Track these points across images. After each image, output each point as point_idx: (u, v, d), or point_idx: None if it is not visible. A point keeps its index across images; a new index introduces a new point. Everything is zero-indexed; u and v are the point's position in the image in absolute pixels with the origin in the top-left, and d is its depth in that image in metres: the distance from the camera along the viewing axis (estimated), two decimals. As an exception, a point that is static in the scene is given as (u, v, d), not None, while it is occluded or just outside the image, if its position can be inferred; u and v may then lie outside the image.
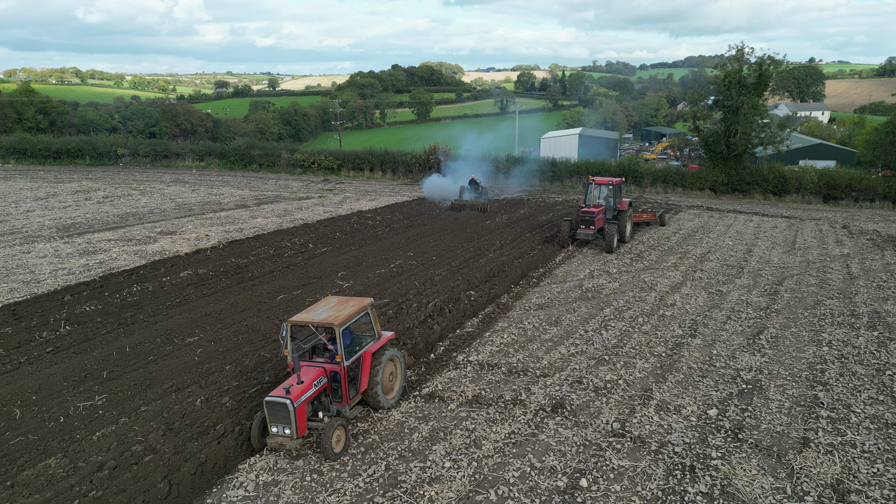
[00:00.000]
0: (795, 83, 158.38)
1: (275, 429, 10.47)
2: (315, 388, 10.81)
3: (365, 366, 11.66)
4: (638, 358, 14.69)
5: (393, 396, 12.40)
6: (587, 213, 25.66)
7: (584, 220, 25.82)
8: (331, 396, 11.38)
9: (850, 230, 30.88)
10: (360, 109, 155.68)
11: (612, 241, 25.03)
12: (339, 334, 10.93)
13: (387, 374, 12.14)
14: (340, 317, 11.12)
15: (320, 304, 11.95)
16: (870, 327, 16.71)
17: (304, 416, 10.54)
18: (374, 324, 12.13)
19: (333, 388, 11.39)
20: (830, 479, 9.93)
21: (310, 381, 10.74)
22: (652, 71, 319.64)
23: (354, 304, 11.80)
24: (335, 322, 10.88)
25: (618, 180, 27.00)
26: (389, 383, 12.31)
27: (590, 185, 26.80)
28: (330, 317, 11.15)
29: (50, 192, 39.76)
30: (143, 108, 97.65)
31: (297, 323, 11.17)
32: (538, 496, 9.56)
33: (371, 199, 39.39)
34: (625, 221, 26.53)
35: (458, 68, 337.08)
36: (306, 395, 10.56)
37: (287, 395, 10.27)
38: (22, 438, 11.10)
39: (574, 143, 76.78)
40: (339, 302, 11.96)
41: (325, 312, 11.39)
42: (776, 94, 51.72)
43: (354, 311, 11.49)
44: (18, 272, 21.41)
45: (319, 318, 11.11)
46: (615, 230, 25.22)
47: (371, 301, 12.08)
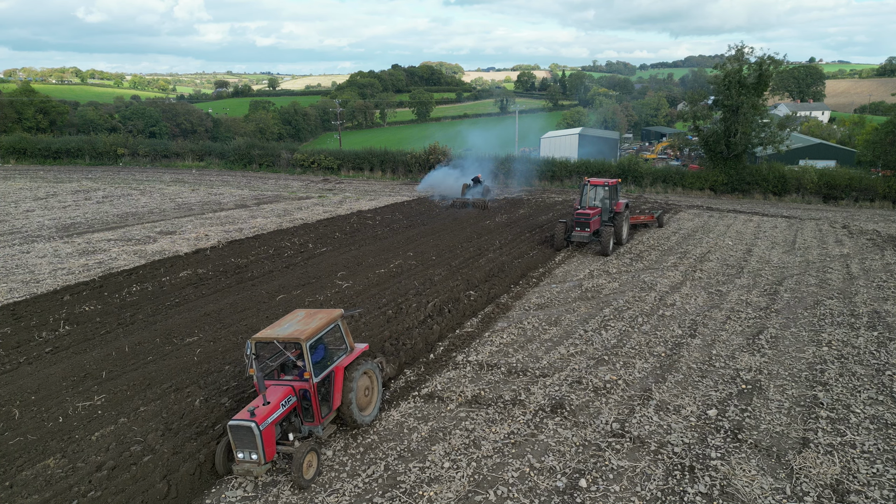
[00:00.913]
0: (795, 83, 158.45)
1: (241, 454, 9.70)
2: (283, 409, 10.16)
3: (337, 381, 10.98)
4: (637, 358, 14.69)
5: (370, 413, 11.72)
6: (582, 215, 25.03)
7: (579, 223, 25.13)
8: (301, 416, 10.72)
9: (850, 230, 30.87)
10: (360, 109, 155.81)
11: (607, 244, 24.53)
12: (307, 349, 10.28)
13: (362, 390, 11.46)
14: (307, 331, 10.47)
15: (287, 317, 11.30)
16: (869, 327, 16.70)
17: (271, 439, 9.83)
18: (346, 336, 11.50)
19: (304, 408, 10.71)
20: (830, 479, 9.92)
21: (277, 402, 10.07)
22: (652, 71, 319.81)
23: (323, 316, 11.20)
24: (301, 337, 10.22)
25: (614, 181, 26.53)
26: (365, 398, 11.63)
27: (585, 186, 26.32)
28: (296, 331, 10.50)
29: (50, 192, 39.75)
30: (143, 108, 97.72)
31: (261, 339, 10.47)
32: (537, 496, 9.55)
33: (371, 199, 39.39)
34: (621, 223, 26.01)
35: (459, 68, 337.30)
36: (273, 416, 9.87)
37: (252, 418, 9.56)
38: (21, 438, 11.09)
39: (574, 143, 76.80)
40: (307, 315, 11.34)
41: (292, 327, 10.74)
42: (776, 93, 51.75)
43: (323, 324, 10.85)
44: (18, 272, 21.40)
45: (285, 334, 10.44)
46: (611, 232, 24.72)
47: (341, 312, 11.46)
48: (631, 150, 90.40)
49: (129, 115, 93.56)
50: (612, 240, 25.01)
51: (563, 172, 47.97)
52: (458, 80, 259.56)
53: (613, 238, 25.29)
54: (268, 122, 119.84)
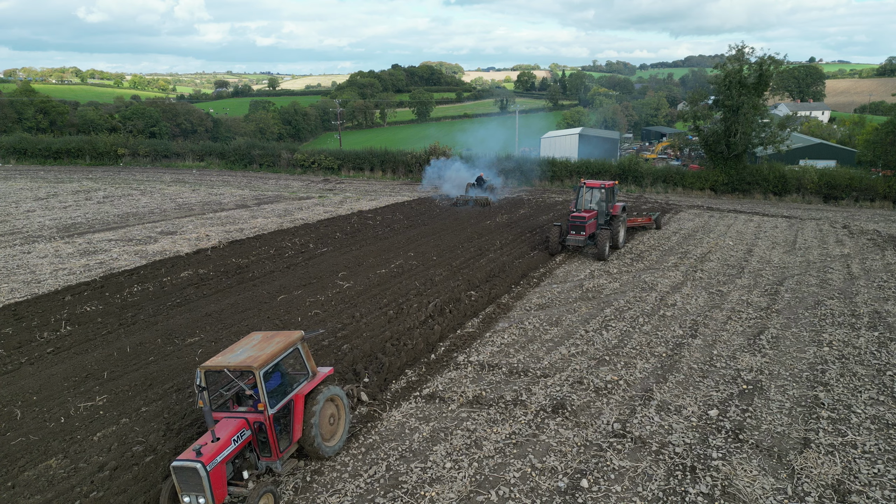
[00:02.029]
0: (795, 83, 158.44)
1: (187, 498, 8.74)
2: (235, 445, 9.26)
3: (297, 411, 10.10)
4: (638, 358, 14.69)
5: (336, 443, 10.78)
6: (578, 219, 24.29)
7: (574, 226, 24.37)
8: (258, 451, 9.80)
9: (850, 230, 30.88)
10: (360, 109, 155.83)
11: (603, 248, 23.84)
12: (260, 378, 9.38)
13: (326, 418, 10.55)
14: (261, 357, 9.63)
15: (242, 342, 10.47)
16: (870, 327, 16.71)
17: (221, 480, 8.91)
18: (307, 360, 10.61)
19: (262, 441, 9.78)
20: (831, 479, 9.93)
21: (228, 437, 9.15)
22: (652, 71, 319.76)
23: (281, 339, 10.34)
24: (254, 364, 9.37)
25: (610, 183, 25.84)
26: (330, 427, 10.71)
27: (581, 188, 25.69)
28: (249, 358, 9.65)
29: (50, 192, 39.76)
30: (143, 108, 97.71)
31: (211, 368, 9.56)
32: (539, 497, 9.56)
33: (371, 199, 39.39)
34: (618, 227, 25.33)
35: (459, 68, 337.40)
36: (223, 454, 8.97)
37: (198, 458, 8.62)
38: (23, 439, 11.10)
39: (574, 143, 76.83)
40: (264, 339, 10.51)
41: (245, 353, 9.91)
42: (776, 93, 51.68)
43: (279, 349, 9.97)
44: (19, 272, 21.41)
45: (236, 361, 9.59)
46: (607, 236, 24.03)
47: (301, 335, 10.60)
48: (631, 150, 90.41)
49: (130, 115, 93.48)
50: (609, 244, 24.40)
51: (563, 172, 47.98)
52: (459, 80, 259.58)
53: (610, 242, 24.67)
54: (268, 122, 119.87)
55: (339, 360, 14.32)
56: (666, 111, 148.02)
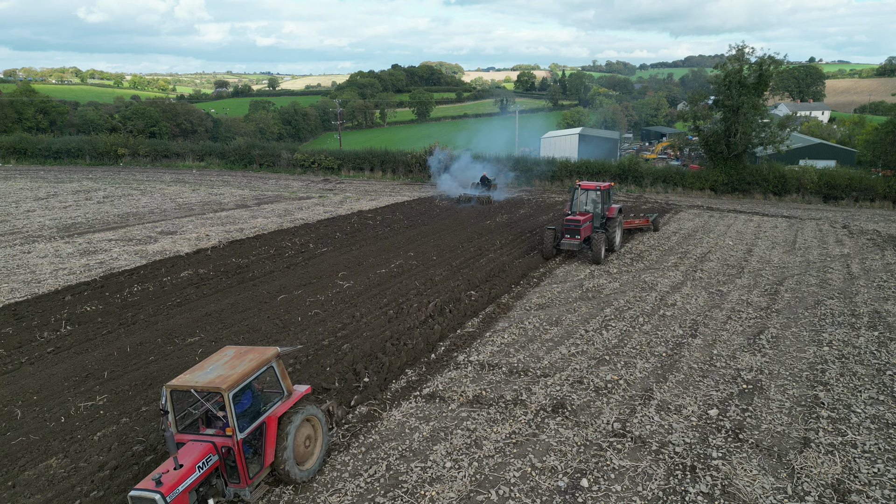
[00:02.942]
0: (795, 83, 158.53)
1: None
2: (200, 472, 8.60)
3: (270, 434, 9.42)
4: (638, 358, 14.70)
5: (311, 466, 10.08)
6: (572, 222, 23.57)
7: (568, 230, 23.62)
8: (225, 477, 9.11)
9: (850, 230, 30.89)
10: (360, 109, 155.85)
11: (599, 252, 23.13)
12: (229, 400, 8.70)
13: (301, 440, 9.85)
14: (231, 377, 8.92)
15: (213, 358, 9.73)
16: (870, 327, 16.71)
17: None
18: (282, 379, 9.93)
19: (230, 466, 9.09)
20: (831, 479, 9.94)
21: (192, 464, 8.48)
22: (652, 71, 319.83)
23: (254, 356, 9.65)
24: (223, 385, 8.68)
25: (606, 185, 25.11)
26: (305, 450, 10.01)
27: (576, 190, 24.91)
28: (218, 378, 8.93)
29: (50, 192, 39.77)
30: (143, 108, 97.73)
31: (177, 388, 8.90)
32: (539, 496, 9.57)
33: (371, 199, 39.40)
34: (614, 229, 24.68)
35: (459, 68, 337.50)
36: (185, 483, 8.32)
37: (157, 488, 8.03)
38: (23, 438, 11.11)
39: (574, 143, 76.84)
40: (236, 355, 9.76)
41: (214, 371, 9.19)
42: (776, 93, 51.70)
43: (252, 368, 9.30)
44: (19, 272, 21.42)
45: (204, 381, 8.89)
46: (602, 239, 23.30)
47: (276, 352, 9.91)
48: (631, 150, 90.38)
49: (130, 115, 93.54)
50: (604, 247, 23.77)
51: (563, 172, 47.98)
52: (458, 80, 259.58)
53: (606, 245, 24.08)
54: (268, 122, 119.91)
55: (339, 359, 14.33)
56: (666, 111, 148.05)
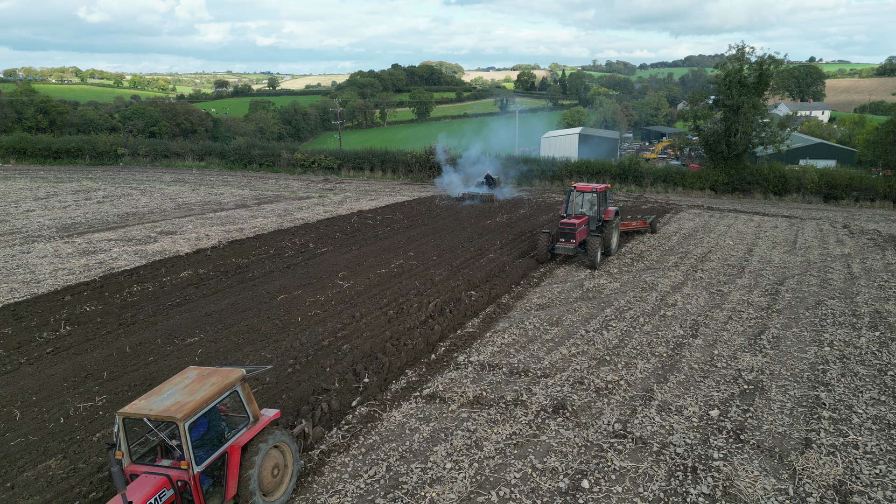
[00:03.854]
0: (796, 82, 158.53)
1: None
2: None
3: (232, 464, 8.64)
4: (639, 358, 14.67)
5: (279, 497, 9.33)
6: (567, 226, 22.84)
7: (563, 233, 22.89)
8: None
9: (850, 230, 30.86)
10: (360, 109, 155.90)
11: (594, 256, 22.46)
12: (185, 431, 7.93)
13: (268, 470, 9.08)
14: (189, 405, 8.12)
15: (173, 380, 8.99)
16: (871, 327, 16.69)
17: None
18: (248, 404, 9.15)
19: (189, 501, 8.38)
20: (833, 480, 9.91)
21: (143, 500, 7.73)
22: (652, 70, 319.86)
23: (216, 380, 8.86)
24: (178, 415, 7.90)
25: (602, 187, 24.49)
26: (273, 479, 9.23)
27: (571, 192, 24.20)
28: (174, 405, 8.13)
29: (50, 192, 39.73)
30: (142, 108, 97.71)
31: (129, 416, 8.12)
32: (540, 497, 9.54)
33: (371, 199, 39.37)
34: (610, 233, 24.05)
35: (459, 68, 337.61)
36: None
37: None
38: (22, 439, 11.08)
39: (574, 143, 76.88)
40: (198, 378, 8.96)
41: (172, 397, 8.39)
42: (776, 93, 51.63)
43: (212, 394, 8.51)
44: (18, 272, 21.38)
45: (158, 409, 8.08)
46: (598, 243, 22.58)
47: (241, 374, 9.13)
48: (631, 150, 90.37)
49: (129, 114, 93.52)
50: (601, 251, 23.14)
51: (563, 172, 47.97)
52: (458, 80, 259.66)
53: (602, 249, 23.45)
54: (268, 122, 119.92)
55: (338, 360, 14.31)
56: (666, 111, 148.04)
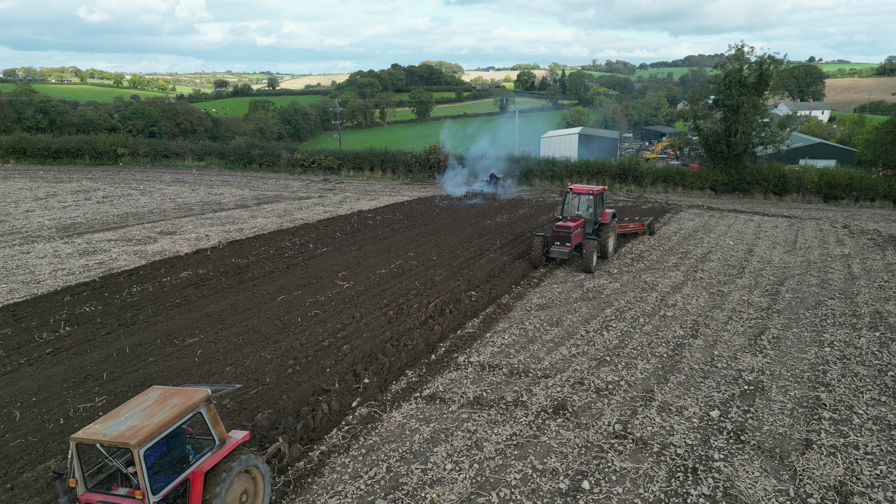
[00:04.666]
0: (795, 82, 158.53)
1: None
2: None
3: (194, 492, 8.06)
4: (639, 359, 14.66)
5: None
6: (562, 228, 22.23)
7: (558, 236, 22.31)
8: None
9: (850, 230, 30.85)
10: (360, 109, 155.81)
11: (590, 260, 21.87)
12: (140, 458, 7.30)
13: (235, 496, 8.49)
14: (145, 430, 7.46)
15: (134, 401, 8.36)
16: (871, 328, 16.68)
17: None
18: (213, 426, 8.50)
19: None
20: (833, 480, 9.90)
21: None
22: (652, 70, 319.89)
23: (178, 402, 8.24)
24: (132, 441, 7.24)
25: (599, 189, 23.73)
26: None
27: (567, 194, 23.54)
28: (129, 430, 7.47)
29: (49, 192, 39.71)
30: (142, 108, 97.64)
31: (83, 441, 7.52)
32: (540, 498, 9.53)
33: (371, 199, 39.35)
34: (607, 236, 23.46)
35: (458, 67, 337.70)
36: None
37: None
38: (22, 440, 11.06)
39: (574, 143, 76.83)
40: (160, 399, 8.34)
41: (129, 420, 7.74)
42: (776, 93, 51.70)
43: (172, 417, 7.88)
44: (18, 272, 21.37)
45: (112, 434, 7.42)
46: (594, 247, 22.04)
47: (206, 395, 8.48)
48: (631, 150, 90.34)
49: (129, 114, 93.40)
50: (597, 254, 22.57)
51: (563, 172, 47.98)
52: (458, 80, 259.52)
53: (598, 253, 22.94)
54: (267, 122, 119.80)
55: (338, 360, 14.29)
56: (666, 111, 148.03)
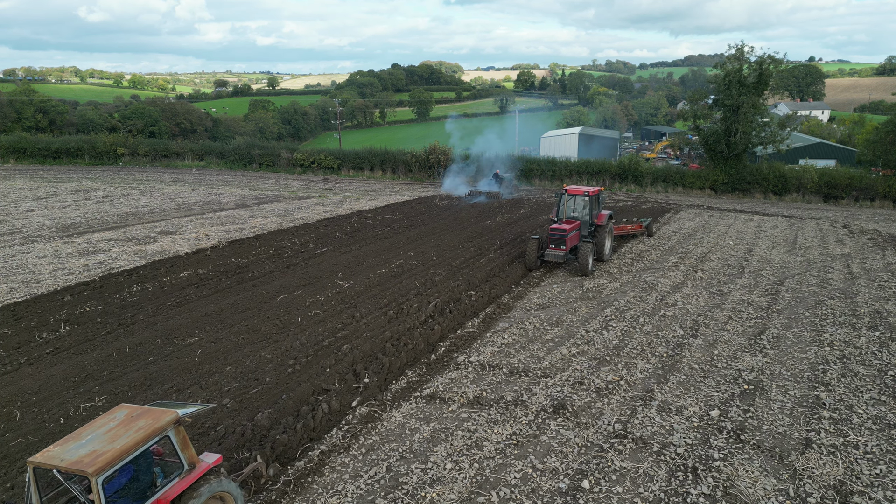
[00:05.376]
0: (795, 82, 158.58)
1: None
2: None
3: None
4: (639, 358, 14.66)
5: None
6: (557, 231, 21.65)
7: (553, 239, 21.72)
8: None
9: (850, 230, 30.86)
10: (360, 108, 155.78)
11: (586, 263, 21.33)
12: (98, 488, 6.79)
13: None
14: (105, 456, 6.93)
15: (99, 421, 7.82)
16: (871, 327, 16.68)
17: None
18: (182, 450, 7.96)
19: None
20: (833, 480, 9.91)
21: None
22: (652, 70, 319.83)
23: (145, 424, 7.65)
24: (89, 469, 6.73)
25: (595, 190, 23.18)
26: None
27: (562, 195, 22.99)
28: (88, 456, 6.93)
29: (49, 192, 39.71)
30: (142, 108, 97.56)
31: (40, 465, 7.02)
32: (540, 497, 9.53)
33: (371, 199, 39.35)
34: (603, 238, 22.99)
35: (458, 67, 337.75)
36: None
37: None
38: (22, 440, 11.07)
39: (574, 143, 76.83)
40: (125, 420, 7.76)
41: (90, 443, 7.16)
42: (776, 93, 51.62)
43: (136, 441, 7.31)
44: (18, 272, 21.37)
45: (70, 460, 6.89)
46: (590, 250, 21.47)
47: (175, 417, 7.89)
48: (631, 150, 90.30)
49: (129, 114, 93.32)
50: (593, 257, 21.93)
51: (563, 172, 47.99)
52: (458, 80, 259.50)
53: (594, 255, 22.28)
54: (267, 122, 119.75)
55: (338, 360, 14.30)
56: (666, 110, 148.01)
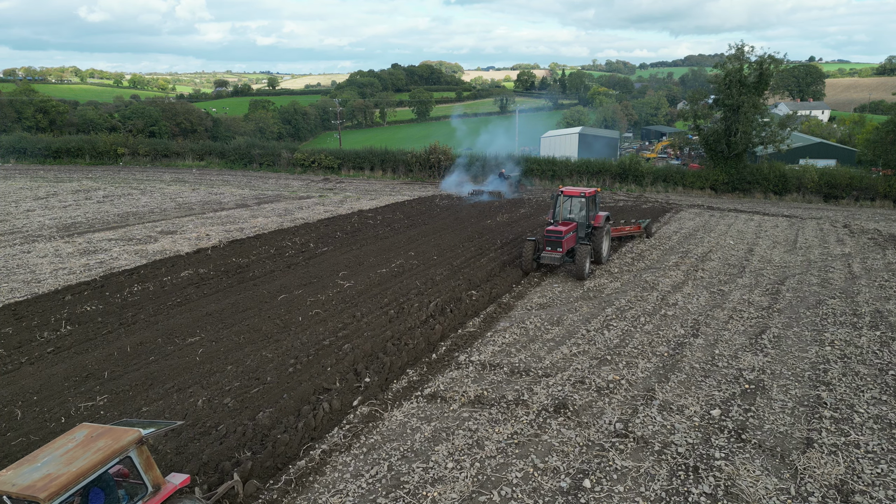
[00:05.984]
0: (795, 82, 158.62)
1: None
2: None
3: None
4: (640, 358, 14.66)
5: None
6: (553, 233, 21.14)
7: (549, 241, 21.28)
8: None
9: (851, 229, 30.86)
10: (360, 108, 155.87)
11: (583, 266, 20.83)
12: None
13: None
14: (59, 480, 6.50)
15: (58, 441, 7.38)
16: (872, 327, 16.68)
17: None
18: (145, 471, 7.54)
19: None
20: (834, 479, 9.90)
21: None
22: (652, 70, 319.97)
23: (105, 445, 7.19)
24: (41, 494, 6.31)
25: (592, 191, 22.67)
26: None
27: (558, 197, 22.53)
28: (42, 479, 6.53)
29: (50, 192, 39.71)
30: (142, 107, 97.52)
31: None
32: (541, 497, 9.53)
33: (371, 199, 39.35)
34: (600, 240, 22.54)
35: (458, 67, 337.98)
36: None
37: None
38: (23, 439, 11.06)
39: (574, 143, 76.86)
40: (85, 441, 7.29)
41: (45, 467, 6.74)
42: (776, 92, 51.72)
43: (92, 465, 6.84)
44: (19, 272, 21.37)
45: (22, 484, 6.50)
46: (587, 252, 20.93)
47: (137, 436, 7.44)
48: (631, 150, 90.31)
49: (129, 114, 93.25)
50: (590, 260, 21.45)
51: (563, 172, 48.00)
52: (458, 80, 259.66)
53: (591, 258, 21.81)
54: (268, 122, 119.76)
55: (339, 359, 14.30)
56: (666, 110, 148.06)
